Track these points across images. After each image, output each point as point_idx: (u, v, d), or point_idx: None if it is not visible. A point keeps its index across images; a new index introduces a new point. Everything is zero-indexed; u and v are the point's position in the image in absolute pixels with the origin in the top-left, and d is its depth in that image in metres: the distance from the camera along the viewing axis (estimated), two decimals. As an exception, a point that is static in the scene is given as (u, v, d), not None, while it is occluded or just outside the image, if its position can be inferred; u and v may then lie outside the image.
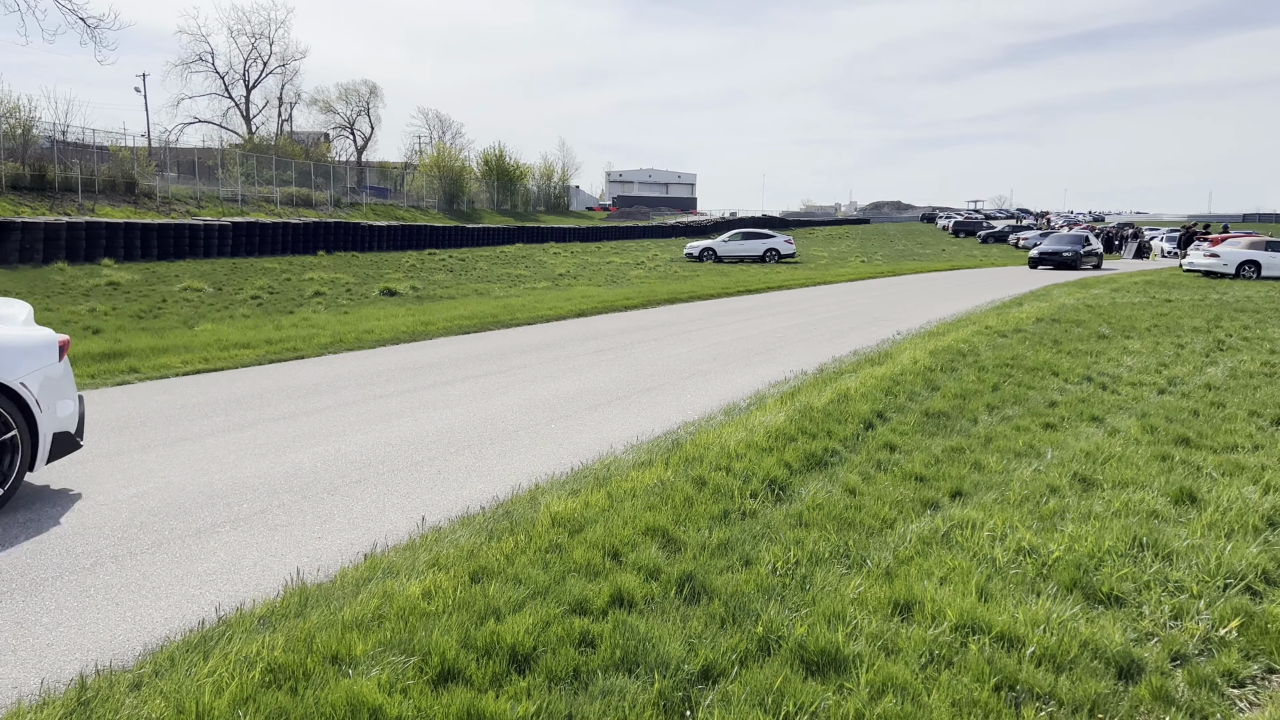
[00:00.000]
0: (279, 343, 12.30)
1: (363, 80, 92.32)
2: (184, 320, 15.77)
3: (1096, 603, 4.11)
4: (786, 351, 12.47)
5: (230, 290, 21.73)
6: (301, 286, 22.99)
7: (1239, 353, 11.53)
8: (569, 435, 7.48)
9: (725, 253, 43.24)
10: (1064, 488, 5.73)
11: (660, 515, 5.11)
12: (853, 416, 7.62)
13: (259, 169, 52.02)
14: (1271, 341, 12.59)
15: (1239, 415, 7.84)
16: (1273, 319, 15.60)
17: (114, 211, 34.99)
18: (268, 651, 3.55)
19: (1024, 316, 15.61)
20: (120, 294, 20.25)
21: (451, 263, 35.21)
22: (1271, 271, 28.84)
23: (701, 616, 3.91)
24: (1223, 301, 19.16)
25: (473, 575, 4.30)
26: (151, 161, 45.12)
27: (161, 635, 3.85)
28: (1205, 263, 30.22)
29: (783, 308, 19.28)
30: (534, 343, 13.07)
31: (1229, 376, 9.75)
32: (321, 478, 6.19)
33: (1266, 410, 8.01)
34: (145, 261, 28.54)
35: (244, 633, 3.74)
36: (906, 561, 4.53)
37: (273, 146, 64.53)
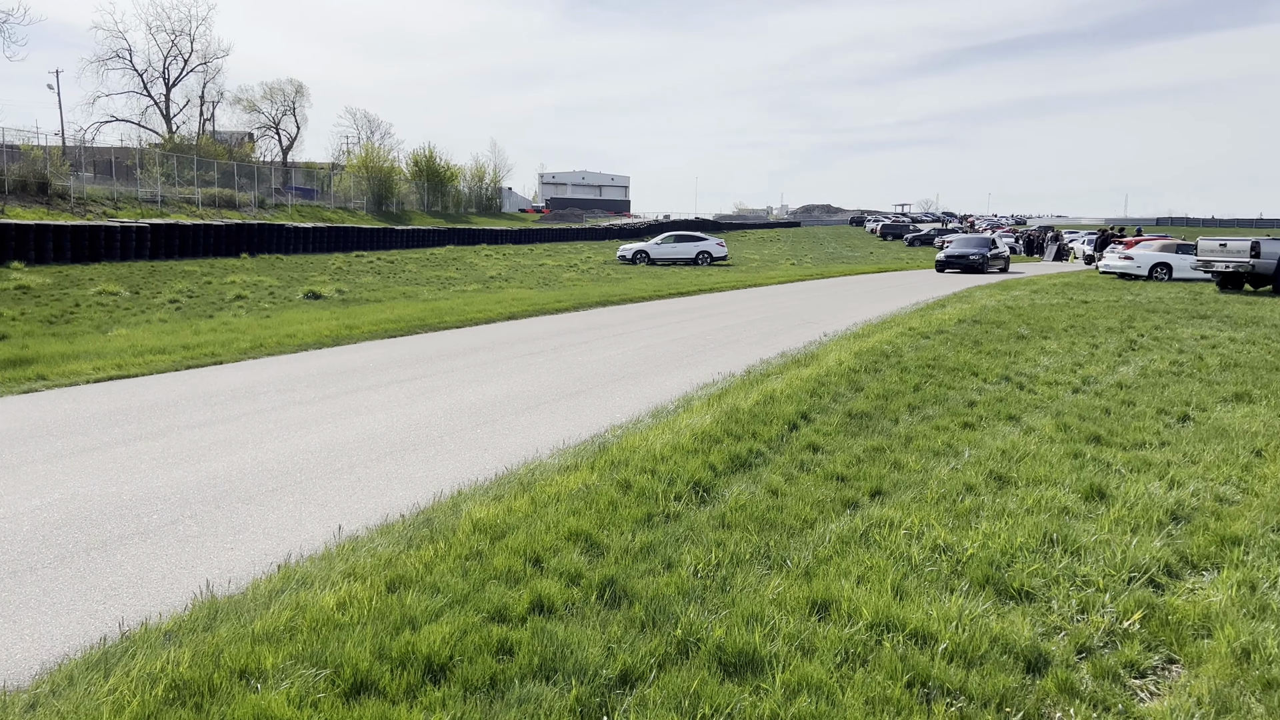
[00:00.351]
0: (197, 348, 11.97)
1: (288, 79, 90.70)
2: (97, 325, 15.25)
3: (1008, 598, 4.20)
4: (716, 354, 12.55)
5: (147, 294, 21.10)
6: (223, 290, 22.43)
7: (1150, 352, 11.92)
8: (495, 440, 7.41)
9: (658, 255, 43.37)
10: (980, 486, 5.86)
11: (584, 520, 5.09)
12: (778, 418, 7.69)
13: (180, 169, 50.66)
14: (1180, 341, 13.06)
15: (1148, 413, 8.10)
16: (1182, 319, 16.18)
17: (25, 213, 33.72)
18: (172, 667, 3.44)
19: (946, 318, 15.95)
20: (30, 298, 19.51)
21: (379, 265, 34.70)
22: (1182, 273, 29.94)
23: (622, 621, 3.90)
24: (1136, 303, 19.82)
25: (390, 584, 4.23)
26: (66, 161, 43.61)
27: (61, 653, 3.71)
28: (1120, 265, 31.25)
29: (714, 310, 19.40)
30: (462, 346, 12.94)
31: (1140, 375, 10.08)
32: (237, 487, 6.03)
33: (1174, 408, 8.30)
34: (58, 265, 27.55)
35: (148, 648, 3.62)
36: (825, 561, 4.58)
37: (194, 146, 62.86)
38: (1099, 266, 33.93)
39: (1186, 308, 18.55)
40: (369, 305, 19.33)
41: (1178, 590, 4.31)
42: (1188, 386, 9.35)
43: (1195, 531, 5.03)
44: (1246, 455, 6.65)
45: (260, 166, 62.28)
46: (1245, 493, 5.79)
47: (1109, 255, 33.10)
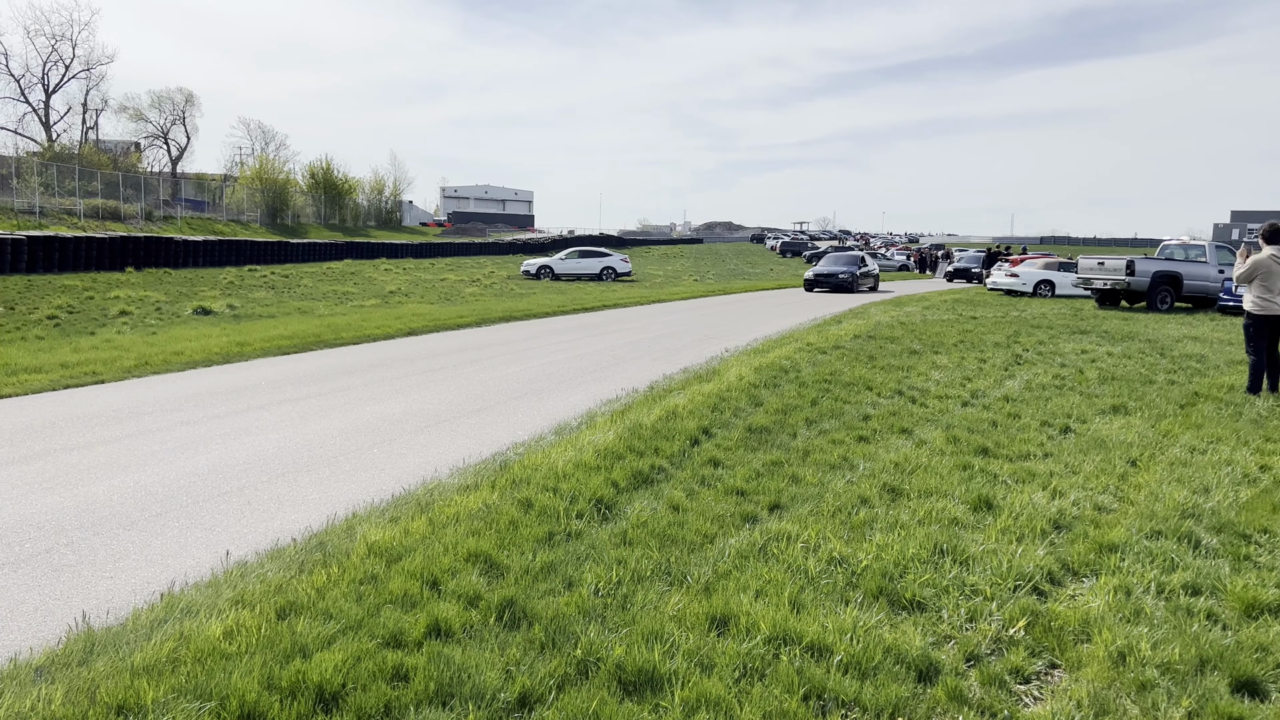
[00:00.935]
0: (77, 366, 11.42)
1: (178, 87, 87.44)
2: (-33, 342, 14.41)
3: (900, 609, 4.31)
4: (620, 370, 12.57)
5: (24, 310, 20.06)
6: (106, 305, 21.47)
7: (1034, 366, 12.43)
8: (393, 460, 7.26)
9: (562, 270, 43.31)
10: (874, 498, 6.00)
11: (483, 540, 5.02)
12: (680, 433, 7.74)
13: (60, 179, 48.36)
14: (1062, 356, 13.65)
15: (1032, 425, 8.44)
16: (1064, 335, 16.93)
17: (-114, 222, 31.68)
18: (44, 705, 3.25)
19: (843, 333, 16.34)
20: (-109, 314, 18.34)
21: (274, 279, 33.74)
22: (1064, 290, 31.36)
23: (521, 642, 3.86)
24: (1021, 319, 20.66)
25: (280, 611, 4.09)
26: (-68, 168, 41.17)
27: (-82, 696, 3.47)
28: (1007, 282, 32.55)
29: (618, 326, 19.45)
30: (359, 363, 12.66)
31: (1025, 389, 10.49)
32: (118, 512, 5.76)
33: (1056, 420, 8.66)
34: (-77, 278, 25.97)
35: (17, 686, 3.42)
36: (725, 576, 4.62)
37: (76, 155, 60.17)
38: (987, 284, 35.27)
39: (1068, 323, 19.42)
40: (262, 321, 18.76)
41: (1060, 597, 4.49)
42: (1069, 399, 9.77)
43: (1076, 539, 5.25)
44: (1123, 465, 6.98)
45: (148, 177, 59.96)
46: (1121, 501, 6.07)
47: (996, 272, 34.44)
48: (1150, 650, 3.84)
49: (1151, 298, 24.24)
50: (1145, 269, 24.30)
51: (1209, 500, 5.99)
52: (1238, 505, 5.91)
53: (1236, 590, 4.49)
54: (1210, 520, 5.60)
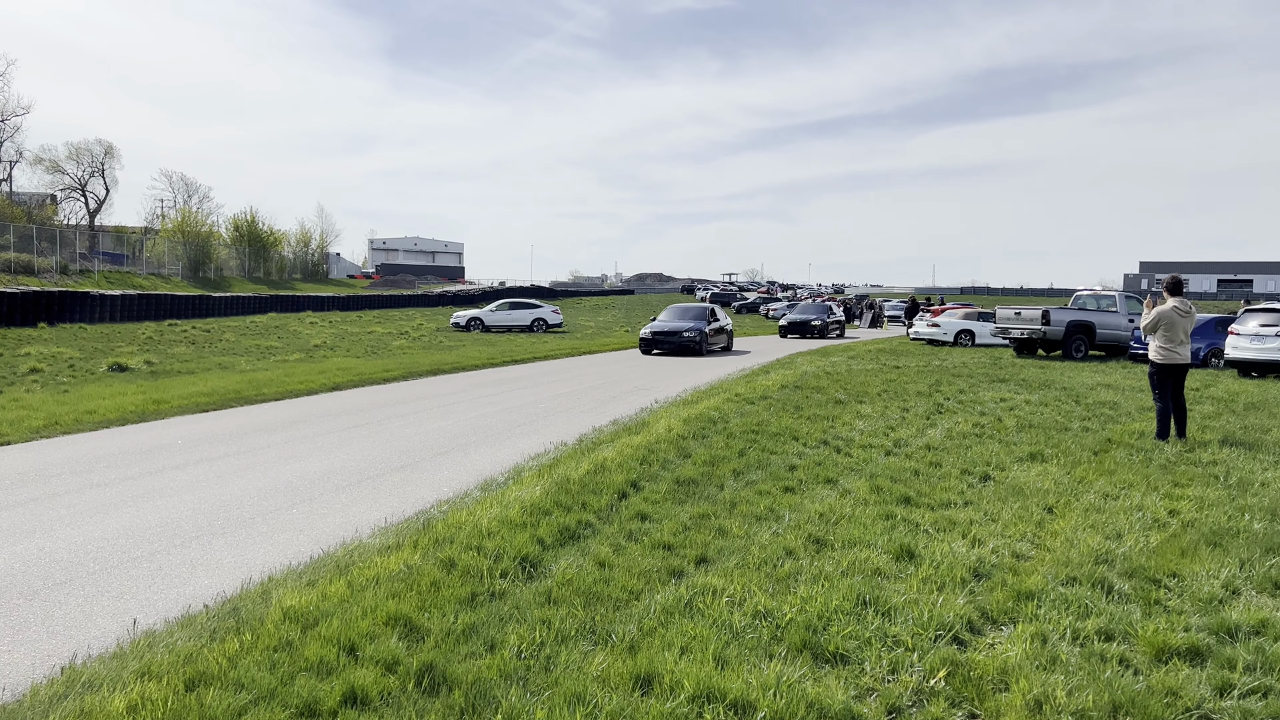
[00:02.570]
0: (-20, 427, 10.95)
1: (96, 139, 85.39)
2: None
3: (824, 662, 4.32)
4: (549, 422, 12.51)
5: (-75, 367, 19.21)
6: (15, 363, 20.69)
7: (955, 414, 12.71)
8: (312, 521, 7.09)
9: (493, 322, 43.13)
10: (799, 549, 6.04)
11: (404, 603, 4.91)
12: (608, 487, 7.71)
13: (-31, 232, 46.74)
14: (982, 404, 13.99)
15: (953, 474, 8.60)
16: (984, 383, 17.36)
17: None
18: (-74, 795, 3.06)
19: (770, 384, 16.52)
20: None
21: (195, 334, 32.94)
22: (983, 339, 32.24)
23: (440, 709, 3.77)
24: (943, 367, 21.15)
25: (189, 683, 3.94)
26: None
27: None
28: (928, 332, 33.37)
29: (548, 378, 19.39)
30: (281, 420, 12.38)
31: (946, 437, 10.71)
32: (18, 581, 5.50)
33: (976, 468, 8.85)
34: None
35: (-102, 775, 3.22)
36: (650, 633, 4.58)
37: (-13, 207, 58.22)
38: (910, 334, 36.10)
39: (988, 372, 19.93)
40: (181, 378, 18.26)
41: (979, 646, 4.55)
42: (988, 447, 10.00)
43: (994, 588, 5.34)
44: (1040, 512, 7.15)
45: (64, 230, 58.34)
46: (1039, 548, 6.21)
47: (918, 323, 35.29)
48: (1066, 697, 3.91)
49: (1067, 346, 25.05)
50: (1060, 319, 25.13)
51: (1121, 546, 6.16)
52: (1148, 550, 6.08)
53: (1147, 635, 4.60)
54: (1122, 565, 5.75)
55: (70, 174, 77.20)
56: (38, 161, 75.92)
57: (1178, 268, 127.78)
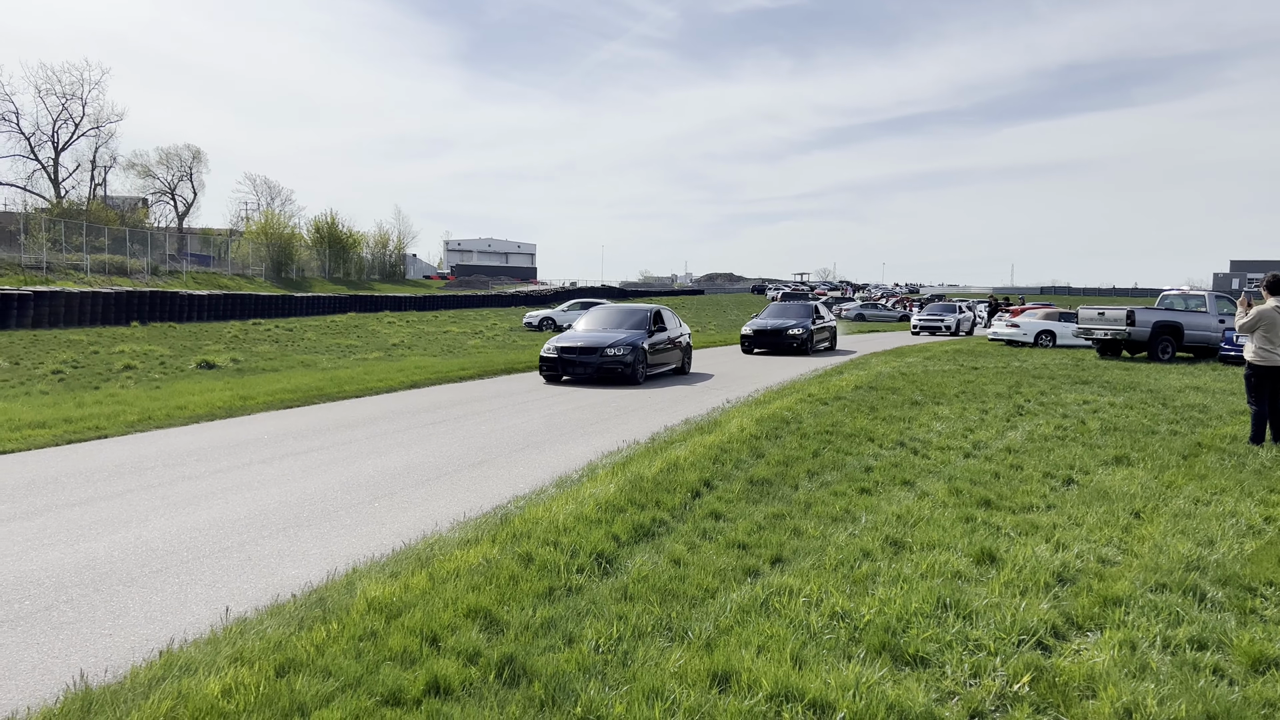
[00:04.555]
0: (80, 421, 11.44)
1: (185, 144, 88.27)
2: (-29, 397, 14.45)
3: (903, 664, 4.27)
4: (621, 421, 12.58)
5: (29, 364, 20.14)
6: (110, 360, 21.55)
7: (1036, 417, 12.42)
8: (393, 514, 7.25)
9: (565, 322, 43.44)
10: (876, 551, 5.97)
11: (484, 595, 4.99)
12: (681, 485, 7.72)
13: (68, 235, 48.90)
14: (1064, 406, 13.65)
15: (1035, 476, 8.41)
16: (1065, 385, 16.93)
17: (-106, 278, 31.97)
18: (38, 768, 3.22)
19: (844, 384, 16.35)
20: (-103, 369, 18.41)
21: (277, 333, 33.88)
22: (1065, 340, 31.42)
23: (520, 700, 3.82)
24: (1023, 369, 20.67)
25: (279, 669, 4.06)
26: (-58, 225, 41.65)
27: (-88, 757, 3.44)
28: (1007, 332, 32.65)
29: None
30: (361, 416, 12.68)
31: (1027, 440, 10.47)
32: (118, 568, 5.74)
33: (1059, 471, 8.64)
34: (-71, 333, 26.13)
35: (12, 748, 3.39)
36: (727, 631, 4.58)
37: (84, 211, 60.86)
38: (988, 334, 35.37)
39: (1069, 374, 19.43)
40: (265, 375, 18.81)
41: (1064, 652, 4.45)
42: (1071, 450, 9.75)
43: (1080, 593, 5.21)
44: (1126, 517, 6.95)
45: (155, 232, 60.56)
46: (1125, 553, 6.04)
47: (996, 323, 34.57)
48: (1157, 707, 3.80)
49: (1153, 348, 24.27)
50: (1146, 319, 24.37)
51: (1213, 553, 5.96)
52: (1243, 558, 5.87)
53: (1243, 644, 4.45)
54: (1215, 573, 5.56)
55: (160, 178, 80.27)
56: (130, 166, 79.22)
57: (1273, 266, 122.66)
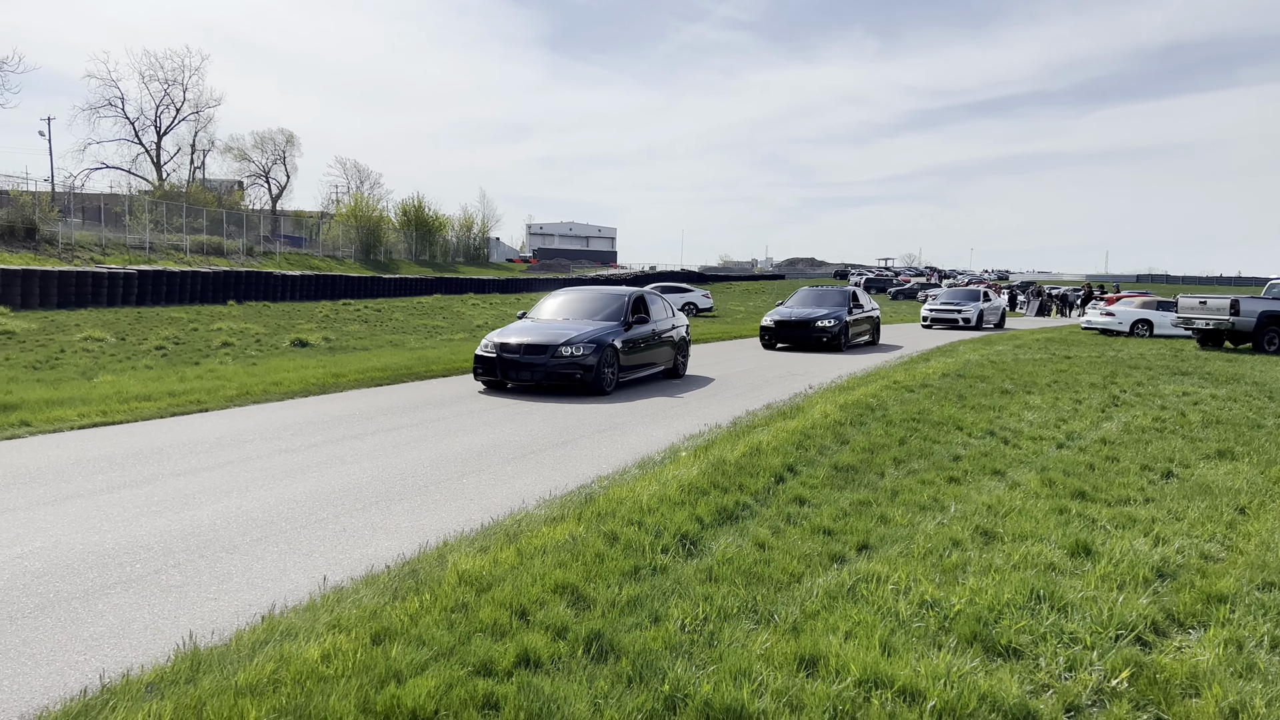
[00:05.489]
0: (183, 395, 11.92)
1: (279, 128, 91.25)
2: (82, 371, 15.18)
3: (995, 655, 4.19)
4: (702, 404, 12.57)
5: (134, 340, 21.03)
6: (209, 337, 22.38)
7: (1132, 408, 12.02)
8: (481, 490, 7.39)
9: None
10: (966, 541, 5.87)
11: (570, 572, 5.06)
12: (764, 470, 7.70)
13: (169, 216, 50.79)
14: (1162, 397, 13.17)
15: (1132, 469, 8.15)
16: (1164, 376, 16.33)
17: (12, 258, 33.67)
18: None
19: (930, 372, 16.05)
20: (15, 343, 19.42)
21: (366, 313, 34.71)
22: (1163, 330, 30.27)
23: (609, 675, 3.87)
24: (1118, 359, 20.00)
25: (375, 636, 4.19)
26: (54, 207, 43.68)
27: (40, 705, 3.64)
28: (1102, 321, 31.59)
29: (699, 361, 19.44)
30: (449, 395, 12.92)
31: (1123, 431, 10.15)
32: (221, 536, 5.98)
33: (1157, 464, 8.35)
34: (44, 310, 27.47)
35: (129, 701, 3.56)
36: (813, 616, 4.56)
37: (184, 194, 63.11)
38: (1081, 323, 34.30)
39: (1168, 364, 18.73)
40: (356, 354, 19.31)
41: (1165, 648, 4.31)
42: (1171, 443, 9.42)
43: (1181, 589, 5.04)
44: (1230, 512, 6.69)
45: (249, 214, 62.54)
46: (1230, 550, 5.82)
47: (1090, 311, 33.49)
48: (1265, 708, 3.66)
49: (1258, 339, 23.22)
50: (1251, 309, 23.32)
51: (1326, 551, 5.69)
52: (1358, 558, 5.60)
53: (1358, 647, 4.25)
54: (1328, 573, 5.32)
55: (255, 162, 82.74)
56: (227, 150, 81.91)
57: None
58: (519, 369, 13.08)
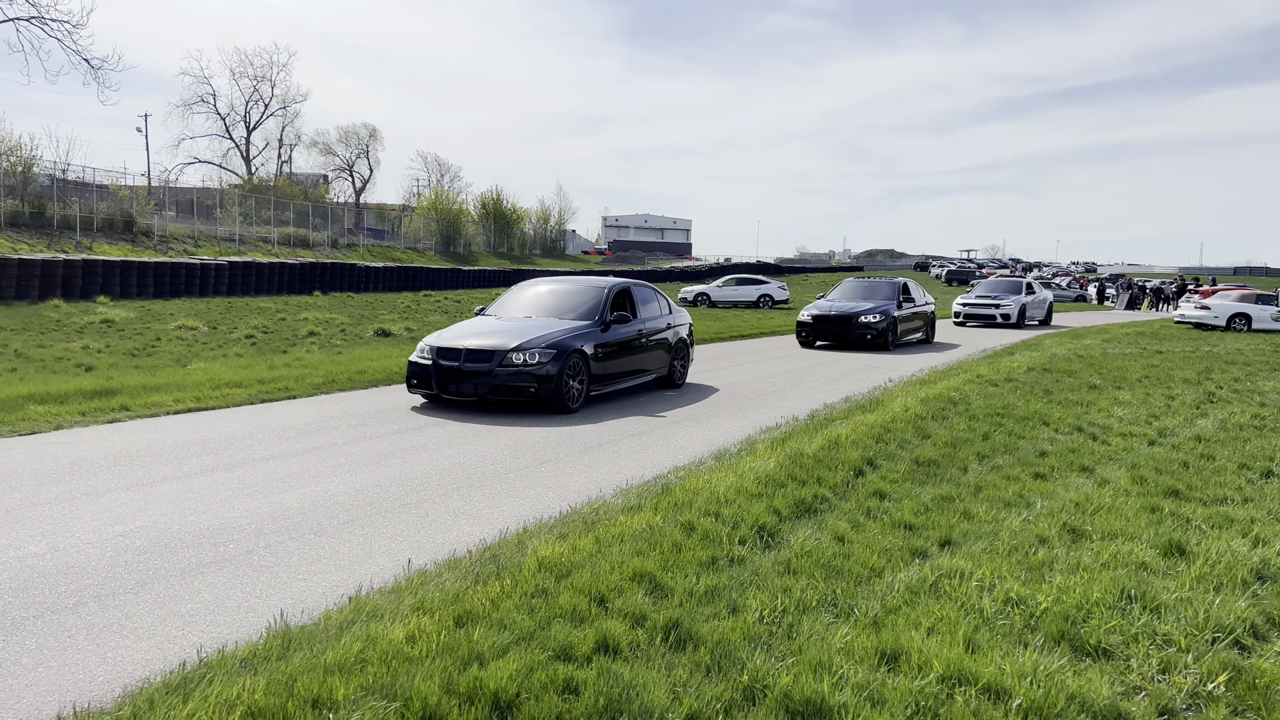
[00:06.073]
0: (271, 382, 12.29)
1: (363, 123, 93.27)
2: (177, 358, 15.77)
3: (1084, 655, 4.08)
4: (779, 397, 12.49)
5: (225, 329, 21.75)
6: (296, 326, 23.02)
7: (1229, 405, 11.57)
8: (558, 478, 7.46)
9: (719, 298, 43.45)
10: (1053, 538, 5.72)
11: (648, 561, 5.08)
12: (843, 463, 7.61)
13: (257, 209, 52.33)
14: (1261, 394, 12.64)
15: (1229, 468, 7.85)
16: (1262, 371, 15.67)
17: (111, 249, 35.10)
18: (248, 695, 3.50)
19: (1015, 366, 15.67)
20: (114, 332, 20.25)
21: (447, 304, 35.30)
22: (1261, 324, 29.05)
23: (687, 664, 3.88)
24: (1213, 354, 19.26)
25: (457, 619, 4.27)
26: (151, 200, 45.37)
27: (141, 677, 3.80)
28: (1196, 315, 30.45)
29: (776, 353, 19.32)
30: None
31: (1219, 429, 9.77)
32: (309, 519, 6.16)
33: (1256, 463, 8.03)
34: (141, 299, 28.58)
35: (225, 675, 3.70)
36: (894, 611, 4.50)
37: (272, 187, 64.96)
38: (1174, 317, 33.09)
39: (1267, 360, 17.97)
40: (436, 343, 19.64)
41: (1265, 653, 4.15)
42: (1271, 441, 9.04)
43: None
44: (1336, 514, 6.39)
45: (334, 207, 64.08)
46: (1335, 553, 5.56)
47: (1184, 305, 32.30)
48: (1374, 718, 3.50)
49: (1367, 334, 22.12)
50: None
51: None
52: None
53: None
54: None
55: (340, 156, 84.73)
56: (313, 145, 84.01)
57: None
58: (459, 380, 10.59)
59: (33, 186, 37.46)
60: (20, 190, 36.30)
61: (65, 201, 37.49)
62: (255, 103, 76.47)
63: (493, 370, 10.44)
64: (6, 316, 21.49)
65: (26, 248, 31.19)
